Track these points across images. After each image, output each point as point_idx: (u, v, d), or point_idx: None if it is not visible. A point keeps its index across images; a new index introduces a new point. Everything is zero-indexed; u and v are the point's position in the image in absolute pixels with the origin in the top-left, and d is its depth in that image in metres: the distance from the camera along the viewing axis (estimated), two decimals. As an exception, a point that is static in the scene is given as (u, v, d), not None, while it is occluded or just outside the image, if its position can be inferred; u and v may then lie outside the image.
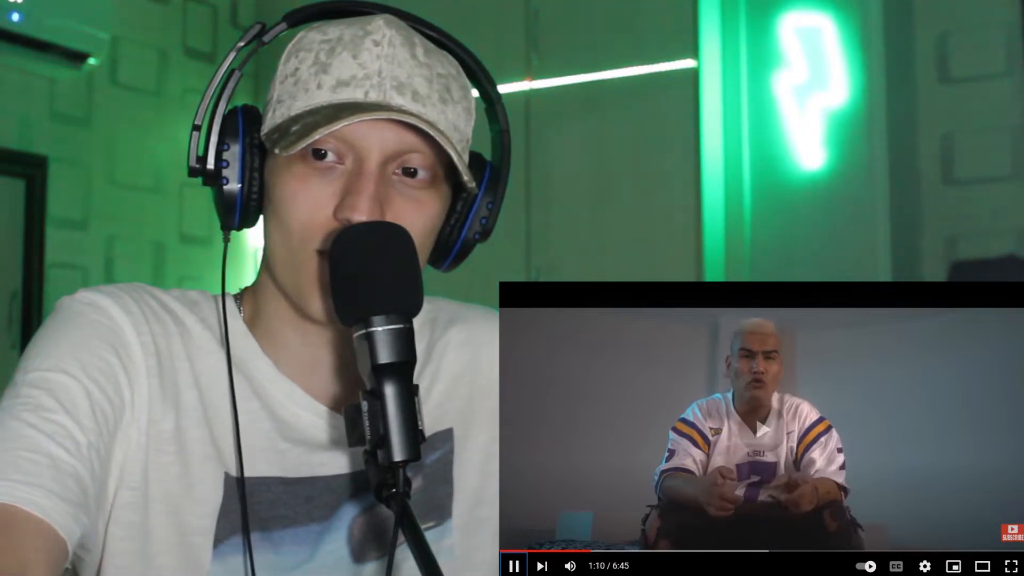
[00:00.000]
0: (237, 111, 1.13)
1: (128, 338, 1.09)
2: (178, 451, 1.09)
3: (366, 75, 1.07)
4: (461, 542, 1.18)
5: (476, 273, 1.46)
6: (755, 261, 3.67)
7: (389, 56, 1.08)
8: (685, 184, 3.69)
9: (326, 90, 1.08)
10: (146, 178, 4.32)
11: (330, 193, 1.07)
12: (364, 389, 0.99)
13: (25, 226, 3.94)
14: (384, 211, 1.06)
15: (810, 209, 3.62)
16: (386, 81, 1.07)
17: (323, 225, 1.07)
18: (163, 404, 1.09)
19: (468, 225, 1.17)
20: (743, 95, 3.72)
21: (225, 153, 1.11)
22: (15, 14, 3.66)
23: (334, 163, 1.08)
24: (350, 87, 1.07)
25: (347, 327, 1.01)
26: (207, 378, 1.13)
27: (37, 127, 3.97)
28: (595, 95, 3.85)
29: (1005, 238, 3.60)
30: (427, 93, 1.08)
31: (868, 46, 3.58)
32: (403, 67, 1.08)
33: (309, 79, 1.09)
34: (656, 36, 3.76)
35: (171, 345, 1.12)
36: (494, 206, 1.19)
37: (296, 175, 1.08)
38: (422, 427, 0.98)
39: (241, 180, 1.11)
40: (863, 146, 3.57)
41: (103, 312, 1.10)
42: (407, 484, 0.96)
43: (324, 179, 1.07)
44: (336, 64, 1.08)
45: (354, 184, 1.06)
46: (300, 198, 1.08)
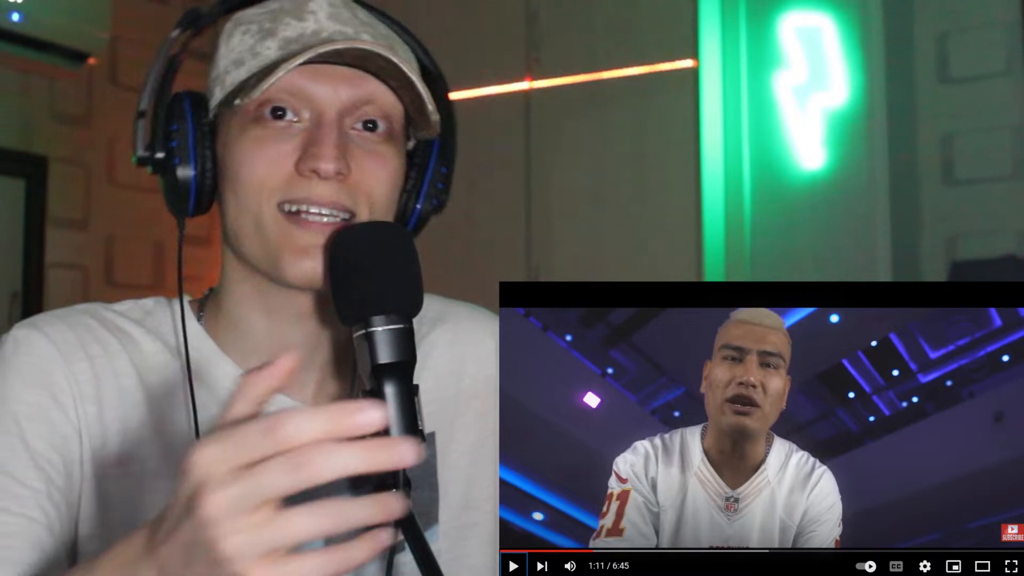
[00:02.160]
0: (182, 95, 1.12)
1: (57, 373, 1.06)
2: (126, 474, 1.06)
3: (313, 31, 1.07)
4: (449, 548, 1.17)
5: (476, 273, 1.46)
6: (755, 261, 3.67)
7: (333, 15, 1.08)
8: (685, 184, 3.69)
9: (274, 50, 1.07)
10: (146, 178, 4.30)
11: (289, 149, 1.05)
12: (364, 389, 0.99)
13: (25, 226, 3.94)
14: (348, 164, 1.04)
15: (810, 209, 3.61)
16: (335, 36, 1.06)
17: (285, 179, 1.05)
18: (103, 429, 1.07)
19: (423, 194, 1.15)
20: (743, 95, 3.72)
21: (174, 134, 1.09)
22: (15, 14, 3.66)
23: (291, 121, 1.06)
24: (298, 44, 1.06)
25: (347, 326, 1.00)
26: (159, 392, 1.10)
27: (37, 127, 3.97)
28: (595, 95, 3.85)
29: (1005, 238, 3.60)
30: (379, 44, 1.07)
31: (868, 46, 3.57)
32: (348, 25, 1.08)
33: (255, 44, 1.08)
34: (656, 36, 3.76)
35: (115, 365, 1.09)
36: (448, 171, 1.17)
37: (252, 137, 1.06)
38: (422, 427, 0.98)
39: (193, 161, 1.08)
40: (863, 146, 3.57)
41: (30, 349, 1.07)
42: (407, 484, 0.96)
43: (282, 136, 1.06)
44: (281, 28, 1.08)
45: (315, 135, 1.04)
46: (258, 156, 1.05)
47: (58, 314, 1.11)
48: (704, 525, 0.88)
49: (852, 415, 0.99)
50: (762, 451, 0.86)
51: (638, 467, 0.88)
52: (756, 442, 0.85)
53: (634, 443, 0.85)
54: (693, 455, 0.87)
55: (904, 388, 1.00)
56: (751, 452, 0.87)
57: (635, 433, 0.95)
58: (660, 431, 0.94)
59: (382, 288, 0.99)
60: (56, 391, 1.06)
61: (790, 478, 0.88)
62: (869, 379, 1.00)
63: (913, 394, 1.00)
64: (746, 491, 0.88)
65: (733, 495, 0.85)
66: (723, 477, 0.87)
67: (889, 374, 0.99)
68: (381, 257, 1.00)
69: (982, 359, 0.98)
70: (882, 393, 1.00)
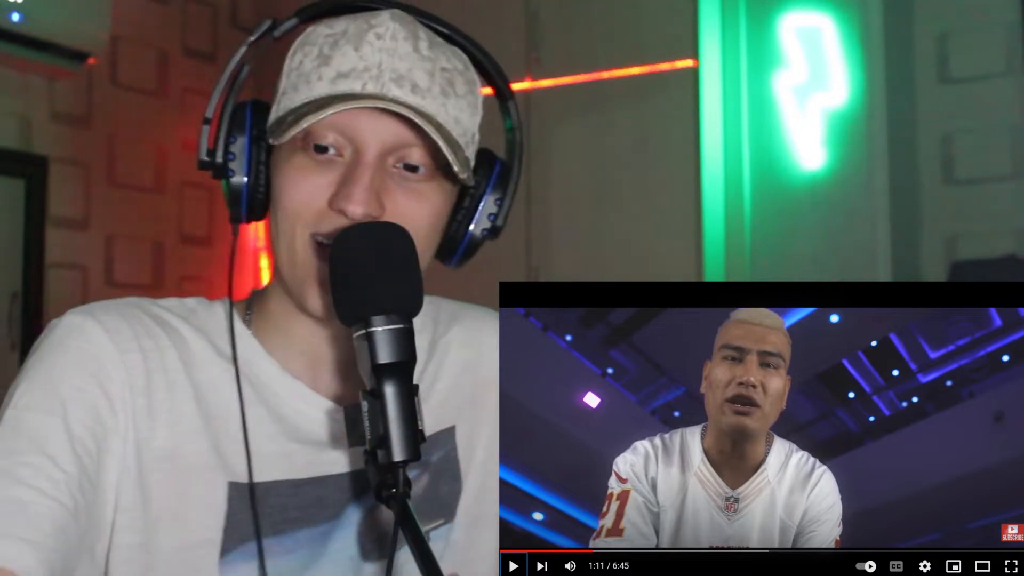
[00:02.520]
0: (246, 105, 1.14)
1: (110, 363, 1.07)
2: (173, 466, 1.08)
3: (365, 67, 1.07)
4: (463, 537, 1.19)
5: (476, 273, 1.46)
6: (755, 261, 3.67)
7: (390, 49, 1.08)
8: (685, 184, 3.69)
9: (325, 82, 1.08)
10: (146, 178, 4.32)
11: (327, 183, 1.07)
12: (364, 389, 0.99)
13: (25, 226, 3.94)
14: (383, 202, 1.06)
15: (810, 209, 3.61)
16: (385, 73, 1.07)
17: (318, 213, 1.07)
18: (152, 422, 1.08)
19: (475, 220, 1.17)
20: (743, 95, 3.72)
21: (232, 146, 1.12)
22: (15, 14, 3.66)
23: (334, 156, 1.08)
24: (349, 79, 1.07)
25: (347, 326, 1.00)
26: (207, 388, 1.12)
27: (37, 127, 3.97)
28: (595, 95, 3.85)
29: (1005, 238, 3.60)
30: (427, 86, 1.08)
31: (868, 46, 3.57)
32: (404, 60, 1.08)
33: (311, 72, 1.09)
34: (656, 36, 3.76)
35: (165, 360, 1.11)
36: (503, 203, 1.19)
37: (296, 166, 1.08)
38: (422, 427, 0.98)
39: (247, 172, 1.12)
40: (863, 146, 3.57)
41: (86, 337, 1.08)
42: (407, 484, 0.96)
43: (322, 170, 1.08)
44: (337, 57, 1.08)
45: (350, 174, 1.06)
46: (298, 187, 1.08)
47: (111, 305, 1.13)
48: (704, 525, 0.88)
49: (852, 415, 0.99)
50: (762, 451, 0.87)
51: (638, 467, 0.88)
52: (756, 442, 0.86)
53: (634, 443, 0.84)
54: (693, 455, 0.87)
55: (904, 388, 1.00)
56: (751, 452, 0.88)
57: (635, 433, 0.95)
58: (660, 431, 0.94)
59: (382, 288, 0.99)
60: (105, 381, 1.07)
61: (790, 478, 0.88)
62: (869, 379, 1.00)
63: (913, 394, 1.00)
64: (746, 491, 0.88)
65: (733, 495, 0.85)
66: (723, 477, 0.87)
67: (889, 374, 0.99)
68: (381, 257, 1.01)
69: (982, 359, 0.98)
70: (882, 393, 1.00)
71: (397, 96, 1.06)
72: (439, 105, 1.08)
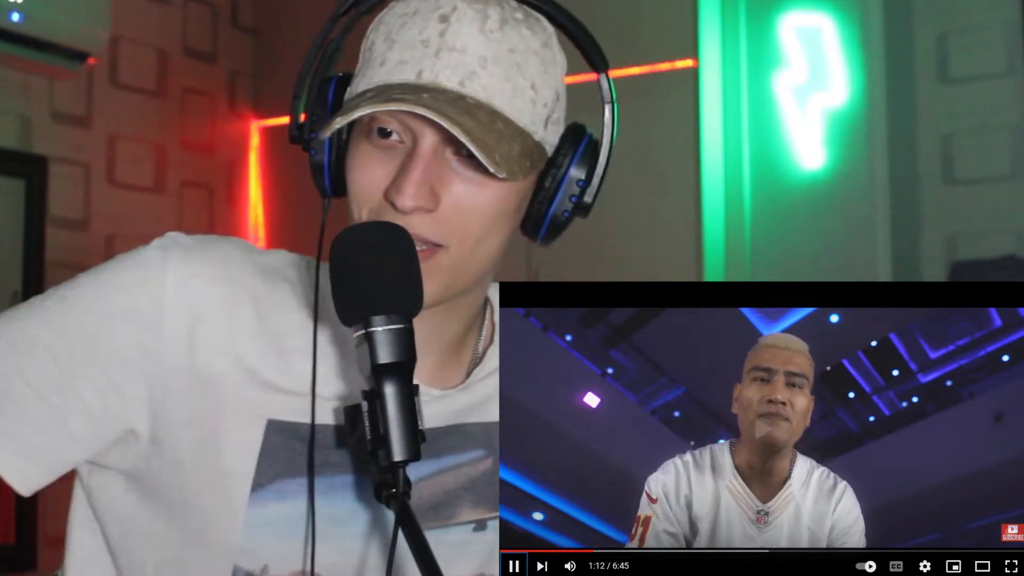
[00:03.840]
0: (331, 81, 1.15)
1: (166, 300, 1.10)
2: (215, 394, 1.10)
3: (424, 54, 1.06)
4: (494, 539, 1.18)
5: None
6: (755, 261, 3.67)
7: (455, 31, 1.06)
8: (685, 184, 3.69)
9: (386, 68, 1.07)
10: (146, 178, 4.32)
11: (386, 172, 1.07)
12: (364, 389, 0.99)
13: (25, 226, 3.94)
14: (438, 194, 1.06)
15: (810, 209, 3.62)
16: (440, 62, 1.06)
17: (378, 202, 1.07)
18: (210, 351, 1.10)
19: (557, 201, 1.16)
20: (743, 95, 3.72)
21: (316, 124, 1.13)
22: (15, 14, 3.66)
23: (396, 143, 1.07)
24: (407, 66, 1.06)
25: (347, 326, 1.00)
26: (278, 331, 1.13)
27: (37, 127, 3.97)
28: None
29: (1005, 238, 3.60)
30: (490, 72, 1.06)
31: (868, 46, 3.57)
32: (468, 43, 1.06)
33: (377, 56, 1.09)
34: (656, 36, 3.76)
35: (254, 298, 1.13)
36: (587, 182, 1.18)
37: (362, 152, 1.09)
38: (422, 427, 0.98)
39: (328, 150, 1.13)
40: (863, 146, 3.57)
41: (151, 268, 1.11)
42: (407, 484, 0.96)
43: (384, 157, 1.08)
44: (400, 41, 1.08)
45: (405, 165, 1.06)
46: (362, 174, 1.09)
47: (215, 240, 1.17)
48: (737, 536, 0.92)
49: (852, 415, 0.99)
50: (787, 467, 0.92)
51: (669, 487, 0.93)
52: (783, 457, 0.91)
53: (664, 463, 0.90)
54: (725, 470, 0.93)
55: (904, 388, 1.00)
56: (778, 467, 0.93)
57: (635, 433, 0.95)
58: (660, 431, 0.96)
59: (381, 288, 0.99)
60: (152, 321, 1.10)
61: (813, 492, 0.94)
62: (869, 379, 1.00)
63: (913, 394, 1.00)
64: (775, 505, 0.93)
65: (763, 508, 0.91)
66: (753, 491, 0.93)
67: (889, 374, 0.99)
68: (381, 257, 1.01)
69: (982, 359, 0.98)
70: (882, 393, 1.00)
71: (447, 88, 1.04)
72: (498, 89, 1.06)
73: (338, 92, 1.14)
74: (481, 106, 1.05)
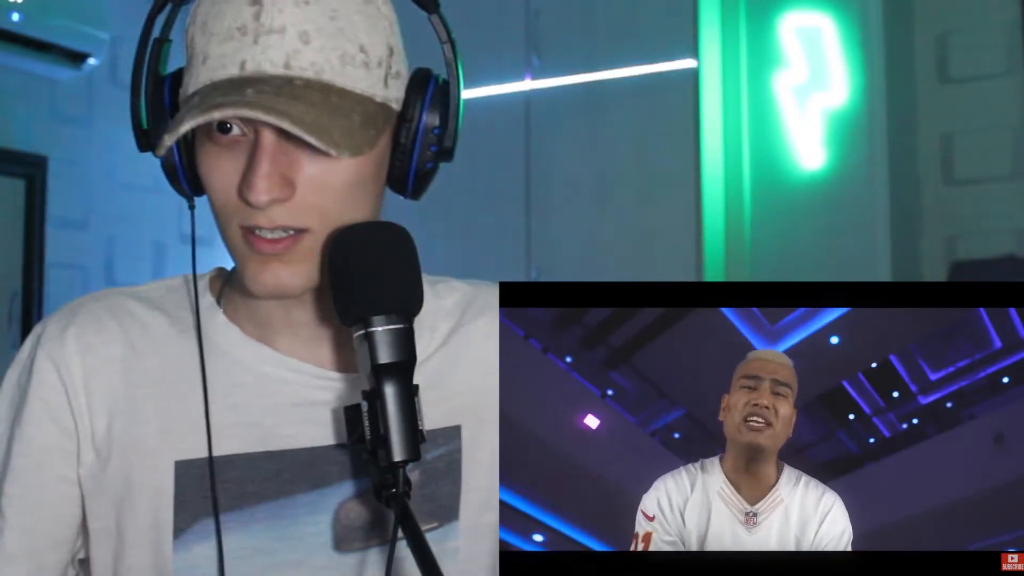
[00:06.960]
0: (164, 81, 1.11)
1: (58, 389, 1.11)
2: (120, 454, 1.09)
3: (242, 44, 1.02)
4: (467, 546, 1.14)
5: (476, 273, 1.46)
6: (755, 261, 3.67)
7: (268, 12, 1.02)
8: (685, 184, 3.69)
9: (209, 65, 1.03)
10: (146, 178, 4.31)
11: (236, 168, 1.03)
12: (363, 389, 0.98)
13: (25, 226, 3.94)
14: (292, 180, 1.02)
15: (810, 209, 3.62)
16: (259, 47, 1.02)
17: (236, 202, 1.03)
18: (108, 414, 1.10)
19: (416, 154, 1.10)
20: (743, 95, 3.72)
21: (160, 128, 1.09)
22: (15, 14, 3.66)
23: (239, 136, 1.03)
24: (229, 58, 1.02)
25: (346, 326, 0.99)
26: (163, 370, 1.12)
27: (37, 127, 3.96)
28: (595, 95, 3.84)
29: (1005, 238, 3.60)
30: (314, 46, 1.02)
31: (868, 46, 3.57)
32: (285, 21, 1.02)
33: (199, 51, 1.05)
34: (656, 36, 3.76)
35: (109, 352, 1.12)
36: (442, 128, 1.11)
37: (208, 153, 1.05)
38: (422, 427, 0.97)
39: (178, 153, 1.09)
40: (863, 146, 3.57)
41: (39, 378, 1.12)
42: (407, 484, 0.95)
43: (230, 154, 1.03)
44: (218, 32, 1.03)
45: (251, 161, 1.01)
46: (212, 176, 1.05)
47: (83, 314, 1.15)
48: (727, 538, 0.94)
49: (852, 437, 0.99)
50: (774, 473, 0.94)
51: (664, 502, 0.95)
52: (768, 462, 0.94)
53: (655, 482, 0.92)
54: (715, 477, 0.95)
55: (904, 410, 1.00)
56: (764, 472, 0.95)
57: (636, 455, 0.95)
58: (660, 453, 0.96)
59: (381, 288, 0.98)
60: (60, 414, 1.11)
61: (799, 498, 0.96)
62: (869, 401, 1.00)
63: (913, 416, 1.00)
64: (763, 507, 0.95)
65: (752, 510, 0.94)
66: (742, 495, 0.95)
67: (889, 396, 0.99)
68: (380, 257, 1.00)
69: (982, 381, 0.98)
70: (882, 415, 1.00)
71: (273, 73, 1.01)
72: (323, 65, 1.02)
73: (173, 91, 1.10)
74: (311, 84, 1.01)
